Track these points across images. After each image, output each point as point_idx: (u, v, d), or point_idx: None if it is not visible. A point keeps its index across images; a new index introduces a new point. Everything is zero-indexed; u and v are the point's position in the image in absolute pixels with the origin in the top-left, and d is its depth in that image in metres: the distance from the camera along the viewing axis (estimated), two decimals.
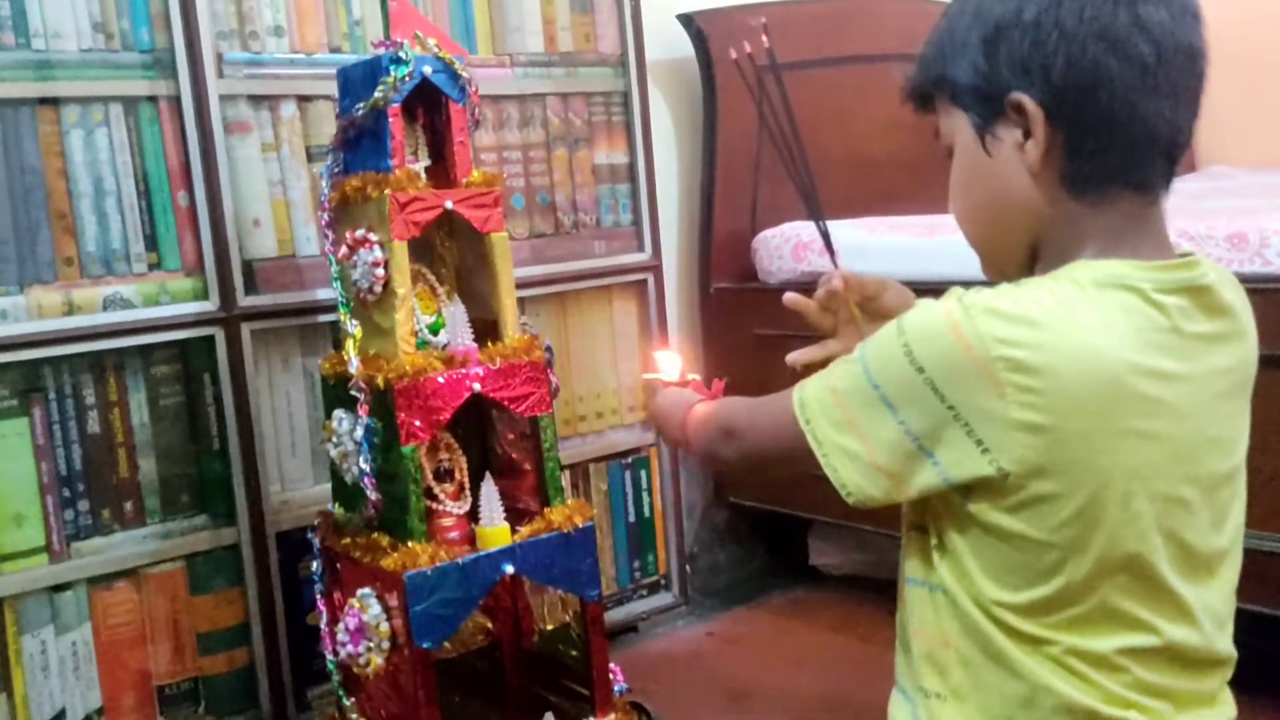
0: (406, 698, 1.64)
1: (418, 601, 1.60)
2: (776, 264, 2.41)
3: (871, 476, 0.90)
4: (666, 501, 2.48)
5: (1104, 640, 0.88)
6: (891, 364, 0.88)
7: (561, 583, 1.77)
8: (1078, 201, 0.91)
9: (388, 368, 1.64)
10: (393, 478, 1.66)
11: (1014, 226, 0.94)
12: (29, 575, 1.73)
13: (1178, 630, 0.90)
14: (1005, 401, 0.83)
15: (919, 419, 0.87)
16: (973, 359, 0.83)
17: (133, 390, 1.84)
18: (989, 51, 0.91)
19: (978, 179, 0.96)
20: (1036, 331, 0.83)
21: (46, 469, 1.76)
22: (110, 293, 1.79)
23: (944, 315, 0.85)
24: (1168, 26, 0.87)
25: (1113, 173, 0.90)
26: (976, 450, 0.85)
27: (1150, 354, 0.85)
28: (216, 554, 1.90)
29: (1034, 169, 0.91)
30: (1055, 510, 0.85)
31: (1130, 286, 0.86)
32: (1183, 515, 0.88)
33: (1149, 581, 0.88)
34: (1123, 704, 0.88)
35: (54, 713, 1.76)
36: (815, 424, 0.93)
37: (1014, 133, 0.91)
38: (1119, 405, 0.84)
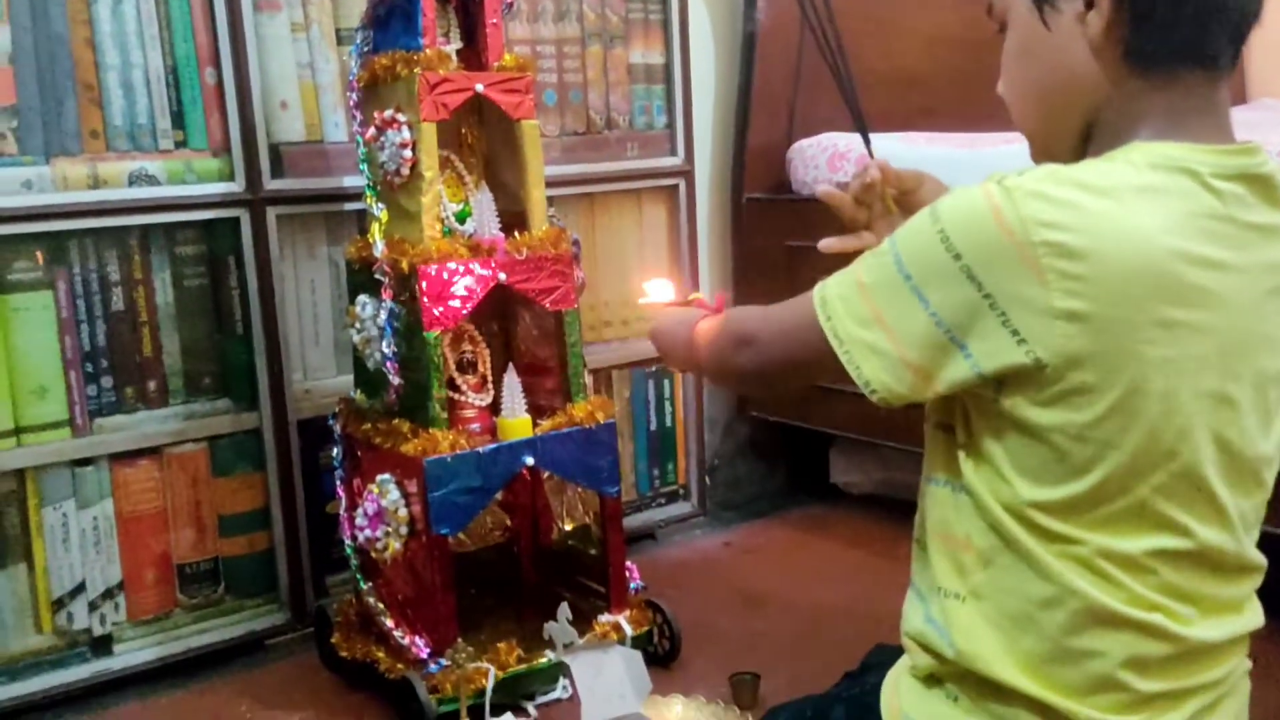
0: (423, 583, 1.64)
1: (437, 488, 1.60)
2: (811, 174, 2.36)
3: (898, 372, 0.86)
4: (689, 412, 2.46)
5: (1135, 540, 0.85)
6: (925, 251, 0.83)
7: (581, 478, 1.76)
8: (1141, 78, 0.86)
9: (413, 252, 1.62)
10: (415, 364, 1.65)
11: (1070, 106, 0.89)
12: (51, 448, 1.74)
13: (1210, 533, 0.86)
14: (1046, 289, 0.78)
15: (952, 309, 0.82)
16: (1014, 244, 0.79)
17: (157, 269, 1.83)
18: None
19: (1034, 54, 0.90)
20: (1082, 215, 0.79)
21: (70, 343, 1.75)
22: (136, 168, 1.77)
23: (984, 198, 0.80)
24: None
25: (1179, 47, 0.85)
26: (1012, 340, 0.81)
27: (1201, 241, 0.81)
28: (238, 438, 1.90)
29: (1096, 42, 0.86)
30: (1092, 403, 0.81)
31: (1186, 169, 0.82)
32: (1228, 414, 0.84)
33: (1187, 481, 0.85)
34: (1148, 605, 0.86)
35: (74, 585, 1.77)
36: (837, 321, 0.88)
37: (1075, 3, 0.86)
38: (1165, 293, 0.80)
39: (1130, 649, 0.85)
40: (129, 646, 1.82)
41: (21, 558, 1.74)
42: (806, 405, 2.43)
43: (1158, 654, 0.86)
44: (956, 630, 0.90)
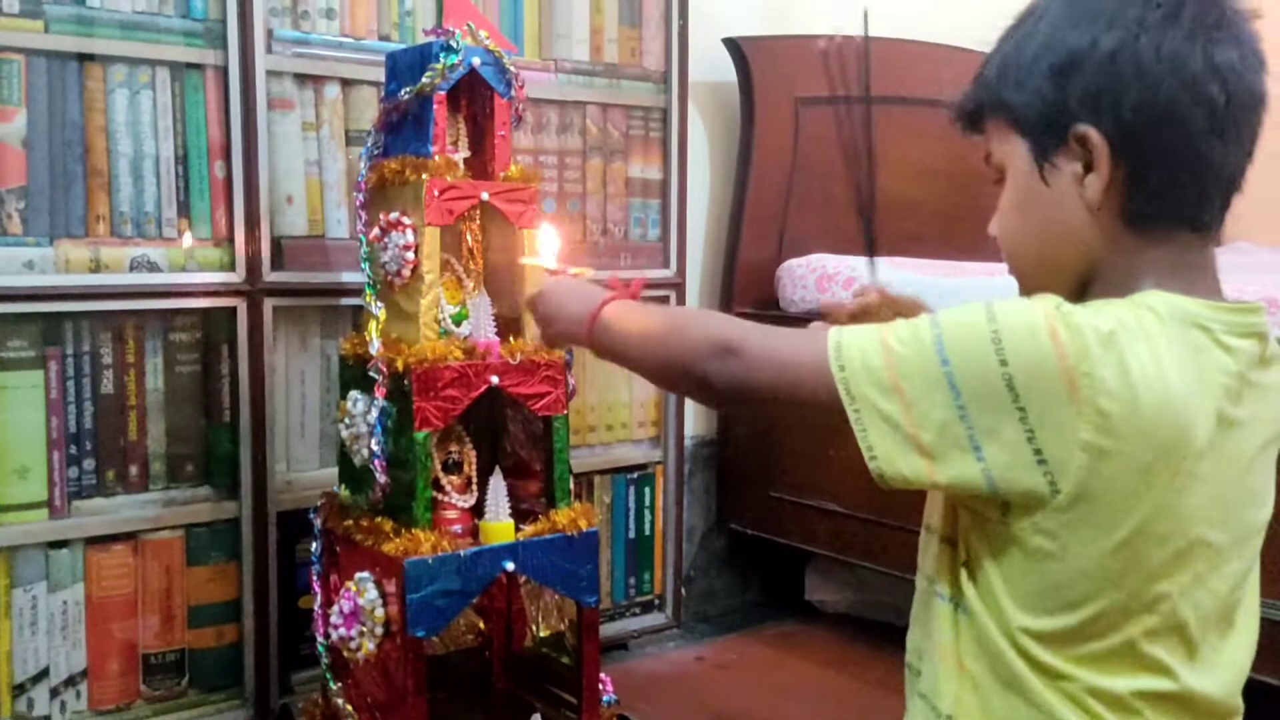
0: (395, 686, 1.62)
1: (416, 589, 1.58)
2: (800, 293, 2.41)
3: (905, 450, 0.84)
4: (668, 521, 2.46)
5: (1123, 680, 0.86)
6: (973, 347, 0.82)
7: (561, 585, 1.75)
8: (1135, 236, 0.89)
9: (408, 352, 1.64)
10: (403, 463, 1.65)
11: (1066, 258, 0.92)
12: (27, 528, 1.72)
13: (1195, 678, 0.88)
14: (1080, 418, 0.80)
15: (982, 411, 0.82)
16: (1064, 368, 0.80)
17: (150, 354, 1.83)
18: (1059, 80, 0.89)
19: (1031, 207, 0.93)
20: (1127, 358, 0.81)
21: (56, 424, 1.75)
22: (138, 254, 1.79)
23: (1043, 316, 0.81)
24: (1238, 69, 0.87)
25: (1173, 211, 0.89)
26: (1033, 459, 0.81)
27: (1220, 398, 0.84)
28: (216, 526, 1.89)
29: (1094, 202, 0.89)
30: (1097, 539, 0.83)
31: (1202, 326, 0.85)
32: (1215, 560, 0.87)
33: (1173, 625, 0.86)
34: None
35: (38, 670, 1.74)
36: (852, 375, 0.85)
37: (1074, 165, 0.89)
38: (1185, 446, 0.82)
39: None
40: None
41: None
42: (784, 521, 2.44)
43: None
44: None
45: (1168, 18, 0.86)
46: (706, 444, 2.59)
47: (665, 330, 1.01)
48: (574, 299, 1.12)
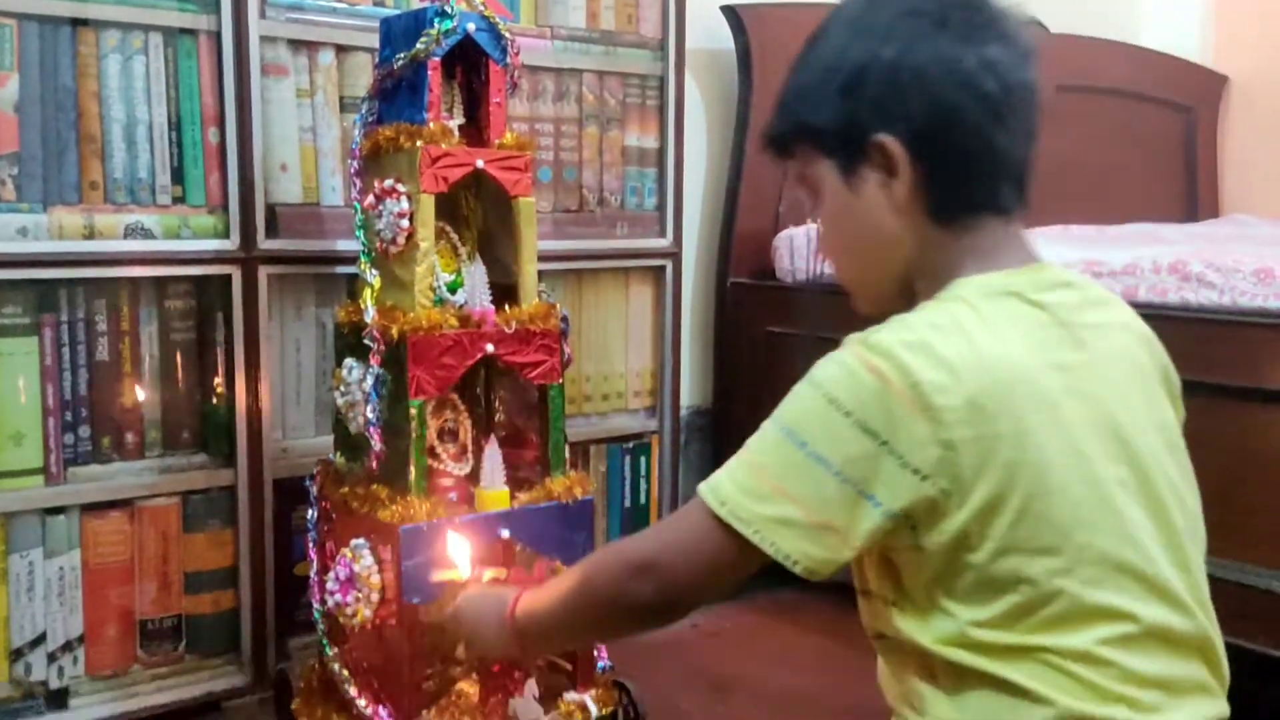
0: (391, 652, 1.63)
1: (411, 556, 1.59)
2: (797, 263, 2.40)
3: (814, 537, 0.88)
4: (664, 490, 2.47)
5: (1082, 635, 0.88)
6: (817, 418, 0.89)
7: (556, 553, 1.76)
8: (945, 230, 0.96)
9: (403, 320, 1.64)
10: (398, 431, 1.65)
11: (886, 261, 0.98)
12: (23, 495, 1.73)
13: (1156, 611, 0.89)
14: (931, 423, 0.85)
15: (855, 466, 0.87)
16: (894, 392, 0.86)
17: (145, 321, 1.83)
18: (849, 97, 0.95)
19: (847, 219, 0.99)
20: (942, 353, 0.87)
21: (51, 391, 1.75)
22: (132, 221, 1.78)
23: (856, 359, 0.88)
24: (1008, 64, 0.93)
25: (974, 201, 0.96)
26: (915, 478, 0.87)
27: (1046, 349, 0.90)
28: (212, 494, 1.89)
29: (900, 205, 0.95)
30: (997, 517, 0.87)
31: (1012, 293, 0.92)
32: (1121, 495, 0.90)
33: (1110, 567, 0.88)
34: (1113, 698, 0.87)
35: (34, 635, 1.75)
36: (736, 505, 0.90)
37: (878, 173, 0.95)
38: (1031, 402, 0.87)
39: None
40: (85, 701, 1.79)
41: None
42: None
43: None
44: None
45: (937, 25, 0.92)
46: (702, 413, 2.60)
47: (575, 594, 1.03)
48: (486, 612, 1.16)
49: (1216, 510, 1.72)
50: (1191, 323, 1.74)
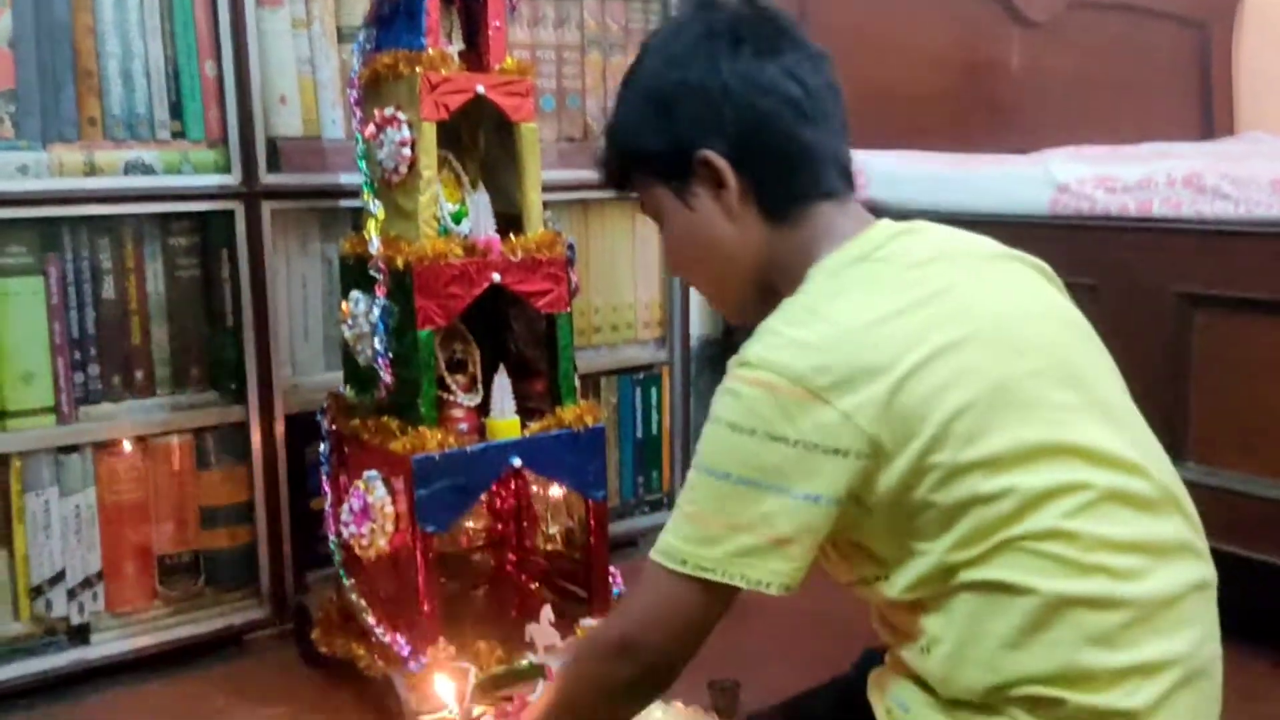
0: (407, 581, 1.64)
1: (424, 486, 1.60)
2: None
3: (776, 554, 0.91)
4: (675, 420, 2.47)
5: (1043, 515, 0.89)
6: (727, 448, 0.92)
7: (568, 480, 1.77)
8: (782, 226, 1.02)
9: (408, 250, 1.62)
10: (406, 362, 1.65)
11: (736, 267, 1.04)
12: (36, 434, 1.73)
13: (1108, 476, 0.91)
14: (825, 405, 0.89)
15: (777, 472, 0.90)
16: (781, 393, 0.90)
17: (149, 259, 1.82)
18: (667, 121, 1.01)
19: (690, 236, 1.05)
20: (807, 340, 0.91)
21: (59, 330, 1.75)
22: (132, 157, 1.77)
23: (738, 381, 0.93)
24: (805, 68, 1.01)
25: (801, 193, 1.01)
26: (838, 459, 0.90)
27: (903, 293, 0.94)
28: (224, 430, 1.90)
29: (735, 212, 1.01)
30: (925, 452, 0.89)
31: (857, 259, 0.98)
32: (1036, 385, 0.93)
33: (1048, 451, 0.90)
34: (1090, 569, 0.89)
35: (54, 573, 1.76)
36: (692, 558, 0.92)
37: (708, 186, 1.02)
38: (905, 345, 0.91)
39: (1088, 628, 0.88)
40: (106, 636, 1.81)
41: (2, 544, 1.73)
42: None
43: (1116, 622, 0.89)
44: (931, 678, 0.94)
45: (734, 44, 1.00)
46: (712, 343, 2.58)
47: (567, 698, 1.03)
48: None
49: (1233, 423, 1.73)
50: (1207, 235, 1.72)
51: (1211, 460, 1.74)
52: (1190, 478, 1.71)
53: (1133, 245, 1.80)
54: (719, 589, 0.92)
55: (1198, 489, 1.70)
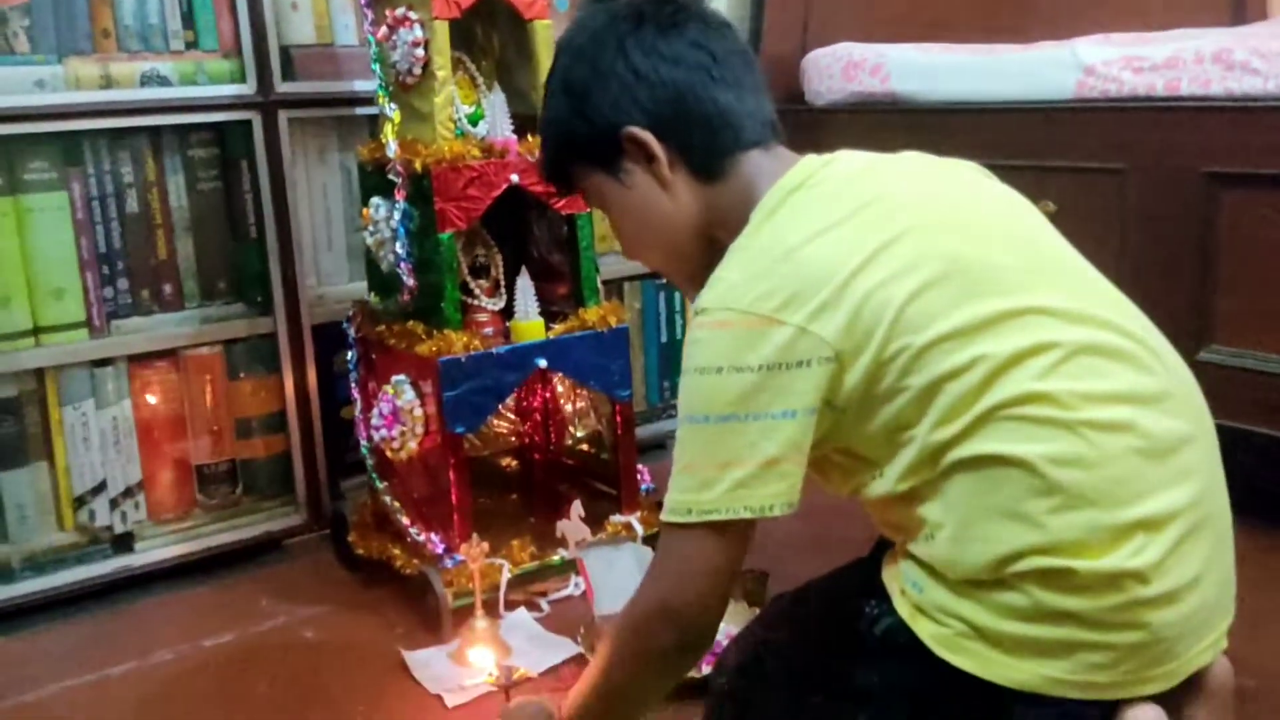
0: (438, 481, 1.67)
1: (452, 387, 1.62)
2: (825, 84, 2.33)
3: (772, 476, 0.93)
4: None
5: (1017, 377, 0.90)
6: (700, 393, 0.94)
7: (593, 381, 1.78)
8: (716, 183, 1.05)
9: (425, 152, 1.62)
10: (429, 266, 1.66)
11: (683, 238, 1.07)
12: (68, 349, 1.76)
13: (1076, 332, 0.93)
14: (779, 325, 0.92)
15: (751, 399, 0.92)
16: (737, 326, 0.93)
17: (170, 172, 1.83)
18: (588, 107, 1.06)
19: (634, 214, 1.08)
20: (753, 272, 0.95)
21: (86, 245, 1.76)
22: (147, 69, 1.76)
23: (697, 329, 0.96)
24: (714, 37, 1.05)
25: (726, 149, 1.04)
26: (805, 370, 0.92)
27: (838, 208, 0.98)
28: (253, 342, 1.92)
29: (667, 181, 1.05)
30: (887, 342, 0.91)
31: (790, 190, 1.00)
32: (979, 258, 0.95)
33: (1012, 318, 0.92)
34: (1077, 425, 0.90)
35: (95, 483, 1.81)
36: (697, 504, 0.94)
37: (638, 163, 1.06)
38: (849, 253, 0.93)
39: (1083, 488, 0.89)
40: (150, 544, 1.86)
41: (43, 456, 1.77)
42: None
43: (1111, 478, 0.90)
44: (939, 563, 0.94)
45: (636, 26, 1.04)
46: None
47: (611, 672, 1.05)
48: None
49: (1261, 304, 1.71)
50: (1236, 112, 1.68)
51: (1238, 342, 1.72)
52: (1217, 360, 1.73)
53: (1160, 126, 1.76)
54: (729, 527, 0.94)
55: (1225, 370, 1.72)
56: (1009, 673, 0.94)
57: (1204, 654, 0.98)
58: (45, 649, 1.67)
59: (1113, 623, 0.91)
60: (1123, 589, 0.91)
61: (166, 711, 1.47)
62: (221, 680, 1.54)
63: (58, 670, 1.59)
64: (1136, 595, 0.91)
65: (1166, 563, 0.92)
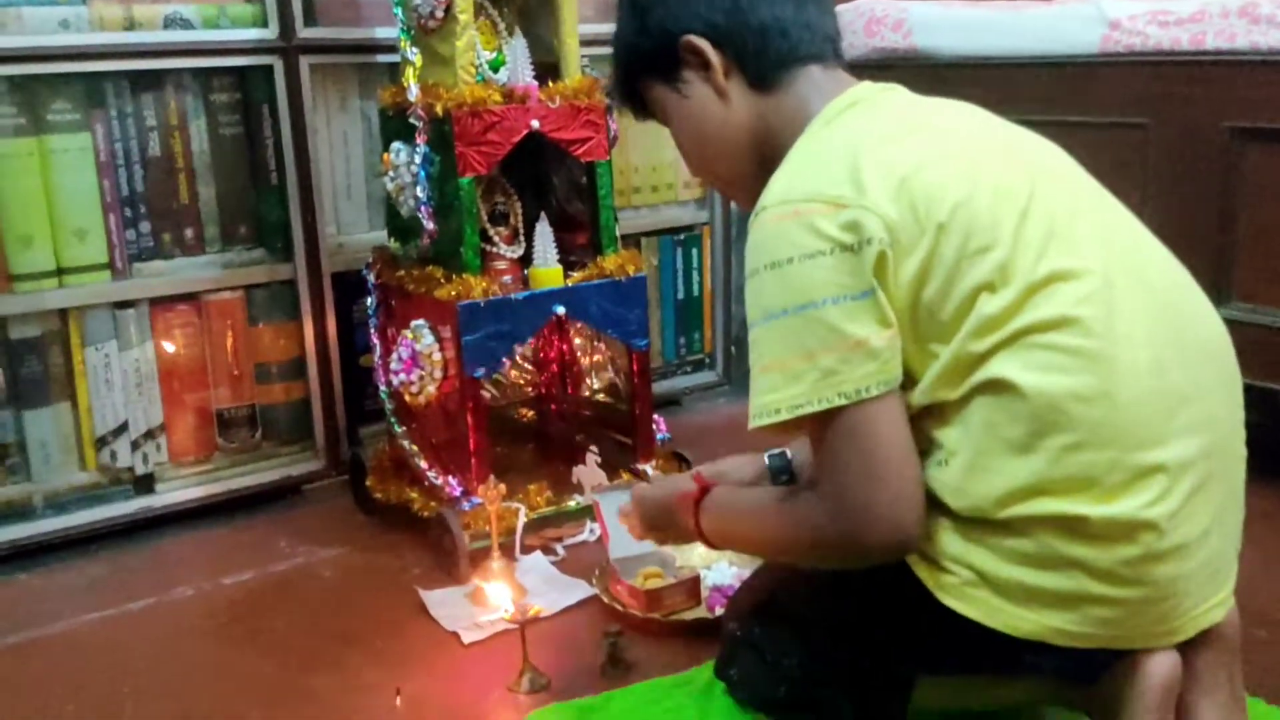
0: (456, 425, 1.68)
1: (470, 331, 1.63)
2: (847, 40, 2.30)
3: (862, 357, 0.92)
4: (716, 281, 2.47)
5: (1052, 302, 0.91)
6: (771, 289, 0.95)
7: (611, 329, 1.78)
8: (771, 93, 1.07)
9: (447, 96, 1.62)
10: (449, 210, 1.66)
11: (739, 146, 1.10)
12: (91, 289, 1.77)
13: (1111, 267, 0.95)
14: (847, 208, 0.93)
15: (823, 286, 0.93)
16: (802, 214, 0.94)
17: (193, 116, 1.84)
18: (649, 20, 1.10)
19: (691, 124, 1.12)
20: (815, 166, 0.98)
21: (109, 187, 1.77)
22: (171, 11, 1.77)
23: (758, 230, 0.97)
24: None
25: (780, 59, 1.07)
26: (870, 250, 0.92)
27: (891, 125, 1.02)
28: (274, 288, 1.93)
29: (723, 90, 1.08)
30: (935, 242, 0.93)
31: (847, 105, 1.03)
32: (1027, 189, 0.96)
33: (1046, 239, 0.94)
34: (1103, 361, 0.91)
35: (117, 424, 1.82)
36: (786, 401, 0.94)
37: (696, 71, 1.09)
38: (907, 155, 0.96)
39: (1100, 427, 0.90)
40: (171, 486, 1.88)
41: (66, 396, 1.79)
42: None
43: (1130, 420, 0.90)
44: (948, 492, 0.95)
45: None
46: None
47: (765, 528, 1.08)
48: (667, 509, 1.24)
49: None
50: (1261, 66, 1.66)
51: (1259, 298, 1.72)
52: (1237, 316, 1.73)
53: (1185, 80, 1.75)
54: (829, 418, 0.93)
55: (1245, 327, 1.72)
56: (1015, 623, 0.95)
57: (1211, 612, 0.98)
58: (66, 585, 1.69)
59: (1122, 577, 0.92)
60: (1136, 540, 0.91)
61: (186, 644, 1.50)
62: (241, 616, 1.56)
63: (79, 604, 1.61)
64: (1149, 548, 0.91)
65: (1180, 513, 0.92)
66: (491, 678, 1.36)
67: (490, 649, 1.43)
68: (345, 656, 1.43)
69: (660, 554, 1.56)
